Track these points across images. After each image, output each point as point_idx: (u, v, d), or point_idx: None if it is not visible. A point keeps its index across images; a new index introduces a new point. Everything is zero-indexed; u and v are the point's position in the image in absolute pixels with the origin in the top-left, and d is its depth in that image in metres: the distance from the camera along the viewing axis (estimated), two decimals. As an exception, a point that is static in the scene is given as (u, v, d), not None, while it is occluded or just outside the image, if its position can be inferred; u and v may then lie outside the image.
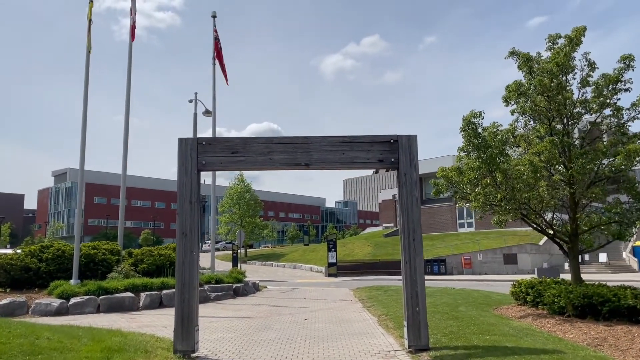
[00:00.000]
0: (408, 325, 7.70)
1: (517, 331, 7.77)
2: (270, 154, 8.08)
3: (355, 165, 8.20)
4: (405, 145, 8.12)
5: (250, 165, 8.01)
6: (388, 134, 8.30)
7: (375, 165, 8.07)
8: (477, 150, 9.33)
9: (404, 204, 7.98)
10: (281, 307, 13.76)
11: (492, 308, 11.12)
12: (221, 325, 10.41)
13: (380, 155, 8.16)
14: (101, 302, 13.64)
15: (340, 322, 10.33)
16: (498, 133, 9.89)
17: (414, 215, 7.87)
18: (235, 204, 53.63)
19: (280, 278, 34.48)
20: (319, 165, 8.21)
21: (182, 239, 7.84)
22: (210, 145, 8.23)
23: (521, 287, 10.77)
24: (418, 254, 7.92)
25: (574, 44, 9.67)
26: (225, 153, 8.16)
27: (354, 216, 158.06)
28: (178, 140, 8.15)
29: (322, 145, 8.25)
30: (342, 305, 14.05)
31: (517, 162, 9.58)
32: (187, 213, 7.95)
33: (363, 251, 44.24)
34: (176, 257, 7.79)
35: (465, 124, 9.52)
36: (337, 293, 18.54)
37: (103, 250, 16.07)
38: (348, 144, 8.25)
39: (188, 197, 7.90)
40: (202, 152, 8.04)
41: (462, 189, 10.19)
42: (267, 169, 8.27)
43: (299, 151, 8.18)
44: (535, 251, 36.49)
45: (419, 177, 7.88)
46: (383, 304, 12.50)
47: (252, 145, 8.18)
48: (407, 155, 8.09)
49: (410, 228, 7.92)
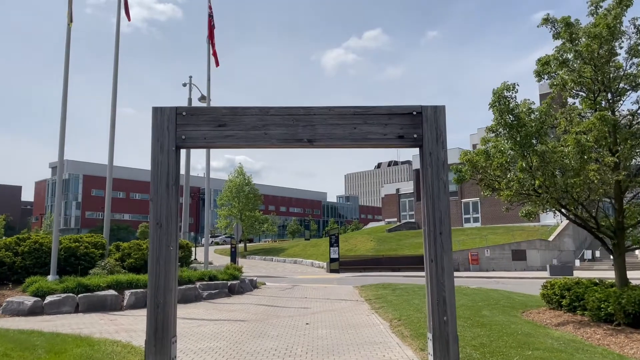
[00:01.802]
0: (434, 337, 6.24)
1: (562, 344, 6.47)
2: (266, 128, 6.53)
3: (369, 143, 6.68)
4: (430, 118, 6.60)
5: (241, 141, 6.48)
6: (410, 104, 6.74)
7: (393, 143, 6.56)
8: (509, 130, 8.02)
9: (429, 189, 6.47)
10: (280, 308, 12.46)
11: (520, 312, 9.83)
12: (210, 330, 9.10)
13: (399, 131, 6.62)
14: (80, 301, 12.35)
15: (346, 328, 9.02)
16: (534, 110, 8.54)
17: (442, 204, 6.36)
18: (234, 197, 52.30)
19: (280, 274, 33.21)
20: (324, 142, 6.66)
21: (156, 230, 6.31)
22: (192, 116, 6.65)
23: (554, 289, 9.49)
24: (446, 250, 6.39)
25: (623, 5, 8.30)
26: (210, 126, 6.59)
27: (355, 211, 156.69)
28: (152, 110, 6.63)
29: (328, 117, 6.70)
30: (347, 306, 12.74)
31: (556, 143, 8.25)
32: (163, 199, 6.40)
33: (366, 246, 42.95)
34: (149, 253, 6.34)
35: (496, 99, 8.17)
36: (341, 291, 17.24)
37: (86, 244, 14.77)
38: (361, 116, 6.70)
39: (164, 180, 6.37)
40: (182, 125, 6.50)
41: (489, 176, 8.89)
42: (262, 147, 6.72)
43: (300, 125, 6.64)
44: (544, 247, 35.19)
45: (446, 157, 6.40)
46: (393, 306, 11.20)
47: (243, 116, 6.62)
48: (433, 130, 6.56)
49: (437, 219, 6.40)
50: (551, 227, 38.51)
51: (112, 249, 16.80)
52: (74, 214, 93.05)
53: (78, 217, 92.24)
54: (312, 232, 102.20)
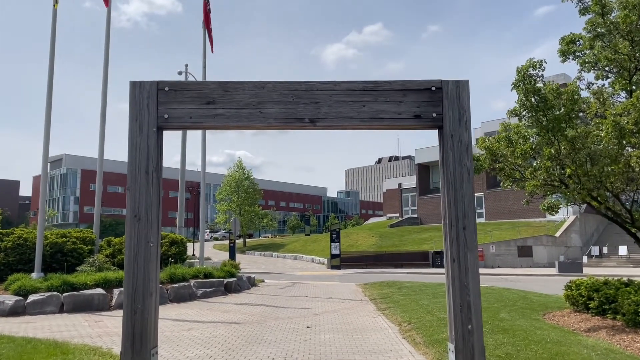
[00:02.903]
0: (456, 350, 5.38)
1: (601, 356, 5.69)
2: (261, 106, 5.60)
3: (381, 123, 5.75)
4: (452, 94, 5.69)
5: (232, 121, 5.55)
6: (428, 79, 5.81)
7: (409, 123, 5.65)
8: (535, 113, 7.22)
9: (450, 177, 5.57)
10: (279, 309, 11.67)
11: (540, 314, 9.04)
12: (202, 334, 8.31)
13: (416, 109, 5.70)
14: (65, 300, 11.57)
15: (352, 332, 8.23)
16: (562, 91, 7.69)
17: (465, 194, 5.47)
18: (233, 191, 51.53)
19: (279, 270, 32.46)
20: (329, 122, 5.73)
21: (134, 223, 5.42)
22: (176, 92, 5.74)
23: (580, 290, 8.70)
24: (471, 248, 5.50)
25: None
26: (196, 103, 5.67)
27: (356, 206, 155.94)
28: (130, 85, 5.72)
29: (333, 94, 5.79)
30: (350, 306, 11.96)
31: (586, 127, 7.43)
32: (142, 187, 5.48)
33: (367, 242, 42.18)
34: (125, 249, 5.46)
35: (520, 78, 7.34)
36: (343, 289, 16.45)
37: (74, 239, 13.99)
38: (371, 93, 5.79)
39: (144, 165, 5.47)
40: (164, 102, 5.58)
41: (510, 165, 8.09)
42: (256, 127, 5.79)
43: (301, 102, 5.71)
44: (551, 243, 34.42)
45: (470, 140, 5.53)
46: (401, 307, 10.41)
47: (235, 92, 5.71)
48: (455, 108, 5.65)
49: (460, 211, 5.50)
50: (558, 222, 37.73)
51: (104, 245, 16.03)
52: (72, 209, 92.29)
53: (76, 212, 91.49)
54: (313, 227, 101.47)
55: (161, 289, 12.86)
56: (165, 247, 15.65)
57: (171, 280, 13.45)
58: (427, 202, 53.14)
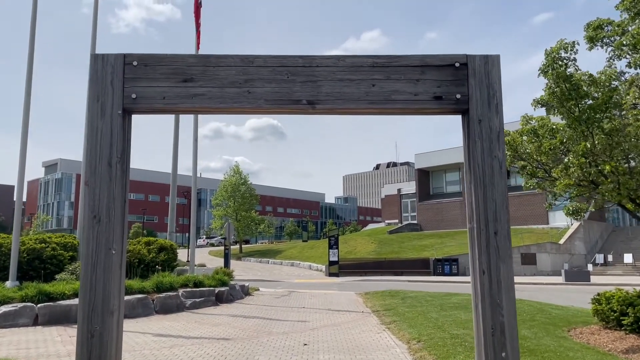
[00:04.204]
0: (487, 383, 4.38)
1: (655, 387, 4.80)
2: (250, 84, 4.60)
3: (394, 106, 4.75)
4: (480, 71, 4.74)
5: (214, 102, 4.54)
6: (451, 54, 4.82)
7: (427, 106, 4.67)
8: (566, 102, 6.38)
9: (478, 171, 4.60)
10: (273, 321, 10.73)
11: (565, 330, 8.16)
12: (184, 353, 7.36)
13: (436, 89, 4.71)
14: (40, 312, 10.61)
15: (354, 352, 7.30)
16: (596, 78, 6.86)
17: (497, 192, 4.49)
18: (230, 196, 50.58)
19: (276, 277, 31.47)
20: (331, 104, 4.72)
21: (93, 226, 4.39)
22: (147, 67, 4.73)
23: (611, 304, 7.83)
24: (503, 257, 4.52)
25: None
26: (172, 81, 4.65)
27: (354, 212, 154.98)
28: (91, 58, 4.71)
29: (337, 70, 4.79)
30: (351, 319, 11.02)
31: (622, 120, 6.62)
32: (104, 182, 4.44)
33: (366, 249, 41.23)
34: (81, 258, 4.47)
35: (549, 61, 6.49)
36: (343, 299, 15.51)
37: (54, 245, 13.04)
38: (382, 69, 4.80)
39: (106, 155, 4.47)
40: (132, 80, 4.58)
41: (535, 162, 7.24)
42: (244, 111, 4.77)
43: (298, 80, 4.71)
44: (555, 251, 33.56)
45: (502, 126, 4.61)
46: (408, 321, 9.49)
47: (218, 68, 4.70)
48: (483, 88, 4.70)
49: (491, 213, 4.52)
50: (561, 229, 36.88)
51: (88, 251, 15.08)
52: (67, 214, 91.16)
53: (71, 217, 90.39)
54: (310, 233, 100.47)
55: (146, 299, 11.92)
56: (154, 254, 14.73)
57: (158, 290, 12.50)
58: (427, 208, 52.25)
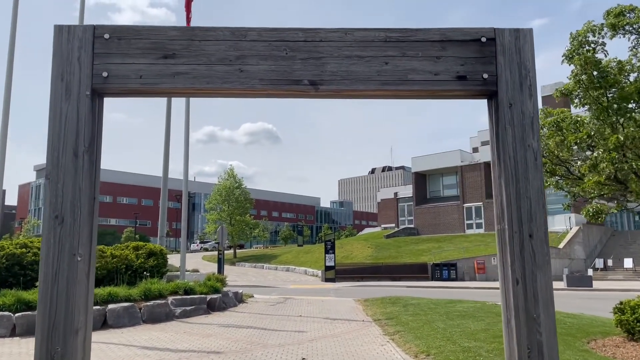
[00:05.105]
0: (523, 413, 3.70)
1: None
2: (242, 61, 3.85)
3: (410, 88, 4.03)
4: (510, 48, 4.03)
5: (200, 82, 3.79)
6: (476, 27, 4.11)
7: (449, 88, 3.96)
8: (594, 90, 5.83)
9: (509, 163, 3.90)
10: (268, 332, 10.07)
11: (584, 342, 7.57)
12: (170, 369, 6.68)
13: (460, 68, 4.00)
14: (17, 322, 9.91)
15: (357, 367, 6.64)
16: (624, 63, 6.31)
17: (532, 186, 3.79)
18: (224, 200, 49.86)
19: (271, 283, 30.76)
20: (337, 85, 3.98)
21: (55, 227, 3.62)
22: (121, 41, 3.97)
23: (636, 314, 7.25)
24: (540, 265, 3.80)
25: None
26: (150, 57, 3.88)
27: (349, 217, 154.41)
28: (55, 29, 4.00)
29: (344, 46, 4.05)
30: (352, 328, 10.38)
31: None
32: (68, 176, 3.66)
33: (363, 253, 40.61)
34: (40, 265, 3.75)
35: (576, 46, 5.93)
36: (341, 307, 14.86)
37: (35, 250, 12.32)
38: (397, 45, 4.08)
39: (71, 144, 3.70)
40: (103, 55, 3.82)
41: (555, 159, 6.68)
42: (234, 93, 4.03)
43: (298, 57, 3.96)
44: (555, 255, 33.06)
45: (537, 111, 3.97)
46: (413, 331, 8.86)
47: (205, 43, 3.96)
48: (514, 66, 4.00)
49: (524, 211, 3.81)
50: (560, 234, 36.41)
51: (74, 256, 14.35)
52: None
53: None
54: (305, 238, 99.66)
55: (133, 308, 11.23)
56: (142, 259, 14.03)
57: (146, 298, 11.81)
58: (425, 212, 51.69)
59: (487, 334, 8.31)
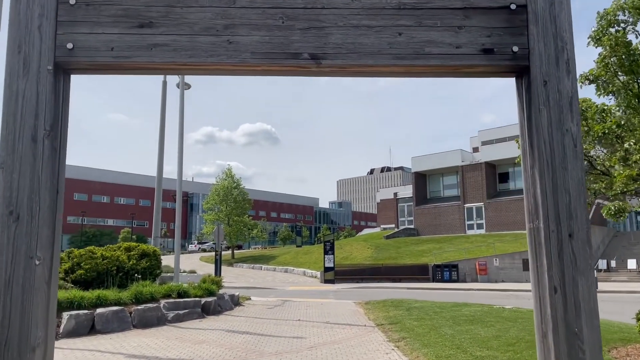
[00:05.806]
0: None
1: None
2: (231, 31, 3.27)
3: (427, 63, 3.49)
4: (544, 16, 3.51)
5: (182, 56, 3.19)
6: None
7: (473, 63, 3.38)
8: (624, 75, 5.34)
9: (544, 150, 3.35)
10: (265, 338, 9.54)
11: (606, 351, 7.06)
12: (157, 382, 6.14)
13: (485, 39, 3.46)
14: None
15: (361, 379, 6.11)
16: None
17: (572, 178, 3.24)
18: (222, 200, 49.35)
19: (269, 284, 30.23)
20: (342, 59, 3.43)
21: (9, 226, 3.02)
22: (89, 7, 3.38)
23: (664, 320, 6.76)
24: (582, 270, 3.27)
25: None
26: (123, 26, 3.29)
27: (348, 217, 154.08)
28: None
29: (350, 14, 3.51)
30: (354, 334, 9.85)
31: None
32: (25, 165, 3.04)
33: (363, 254, 40.11)
34: None
35: (604, 26, 5.42)
36: (342, 310, 14.34)
37: (21, 251, 11.71)
38: (412, 13, 3.53)
39: (29, 127, 3.11)
40: (68, 24, 3.23)
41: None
42: (222, 68, 3.44)
43: (297, 26, 3.39)
44: (557, 256, 32.57)
45: (576, 89, 3.43)
46: (419, 338, 8.34)
47: (187, 9, 3.37)
48: (549, 38, 3.48)
49: (562, 207, 3.27)
50: (562, 234, 35.84)
51: (64, 257, 13.83)
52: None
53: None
54: (304, 238, 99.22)
55: (123, 312, 10.69)
56: (134, 261, 13.49)
57: (137, 301, 11.28)
58: (425, 212, 51.20)
59: (499, 341, 7.79)
